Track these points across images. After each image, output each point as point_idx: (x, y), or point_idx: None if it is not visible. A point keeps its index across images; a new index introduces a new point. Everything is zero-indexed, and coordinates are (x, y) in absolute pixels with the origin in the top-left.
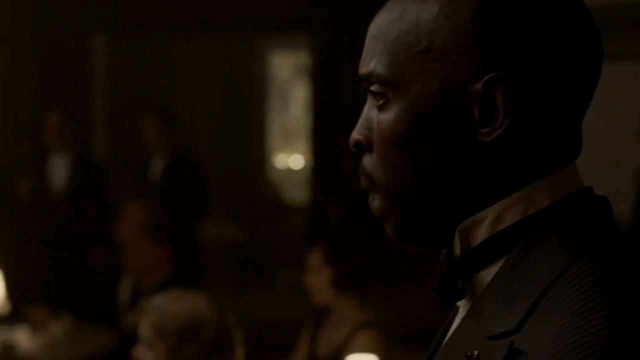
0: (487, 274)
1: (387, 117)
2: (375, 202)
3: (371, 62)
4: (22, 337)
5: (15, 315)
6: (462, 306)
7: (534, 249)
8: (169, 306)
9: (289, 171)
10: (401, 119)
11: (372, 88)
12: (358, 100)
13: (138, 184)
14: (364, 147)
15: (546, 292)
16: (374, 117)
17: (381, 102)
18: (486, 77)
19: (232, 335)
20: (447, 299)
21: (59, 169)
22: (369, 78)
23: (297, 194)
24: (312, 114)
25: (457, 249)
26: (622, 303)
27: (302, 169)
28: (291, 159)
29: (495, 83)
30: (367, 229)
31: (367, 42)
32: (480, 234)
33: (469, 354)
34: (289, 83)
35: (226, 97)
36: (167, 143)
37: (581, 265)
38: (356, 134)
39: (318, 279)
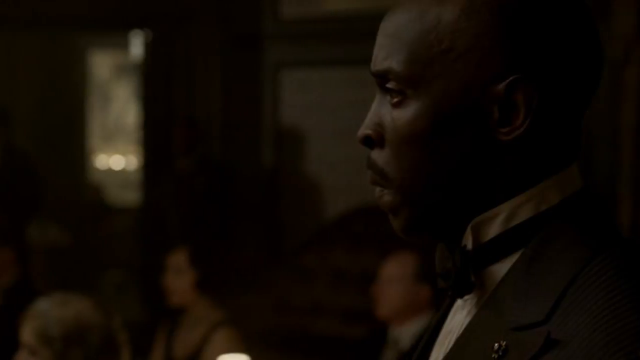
0: (499, 268)
1: (405, 114)
2: (386, 197)
3: (387, 60)
4: None
5: None
6: (464, 300)
7: (550, 244)
8: (53, 311)
9: (110, 172)
10: (421, 117)
11: (389, 85)
12: (191, 98)
13: None
14: (375, 142)
15: (570, 285)
16: (387, 113)
17: (398, 99)
18: (510, 79)
19: (117, 338)
20: (458, 293)
21: None
22: (385, 75)
23: (121, 195)
24: (143, 113)
25: (470, 243)
26: None
27: (123, 170)
28: (112, 160)
29: (517, 84)
30: (205, 229)
31: (381, 40)
32: (493, 230)
33: (497, 345)
34: (111, 82)
35: (47, 96)
36: None
37: (600, 259)
38: (366, 129)
39: (180, 280)
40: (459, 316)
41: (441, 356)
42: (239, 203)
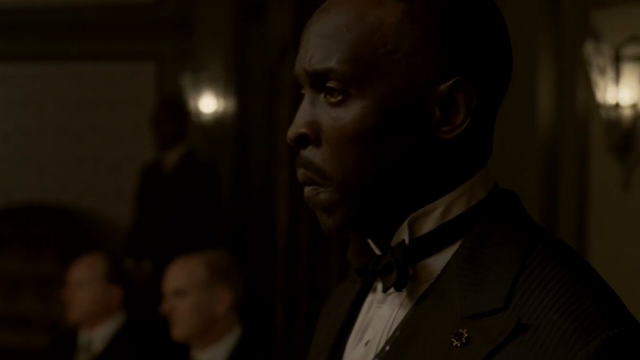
0: (434, 261)
1: (349, 113)
2: (322, 195)
3: (326, 60)
4: None
5: None
6: (387, 293)
7: (488, 236)
8: None
9: None
10: (366, 115)
11: (330, 84)
12: None
13: None
14: (312, 140)
15: (520, 273)
16: (324, 112)
17: (338, 98)
18: (452, 80)
19: None
20: (397, 286)
21: None
22: (325, 75)
23: None
24: None
25: (407, 238)
26: (587, 274)
27: None
28: None
29: (458, 85)
30: None
31: (316, 40)
32: (429, 224)
33: (457, 334)
34: None
35: None
36: None
37: (540, 249)
38: (301, 128)
39: None
40: (382, 310)
41: (372, 353)
42: None
